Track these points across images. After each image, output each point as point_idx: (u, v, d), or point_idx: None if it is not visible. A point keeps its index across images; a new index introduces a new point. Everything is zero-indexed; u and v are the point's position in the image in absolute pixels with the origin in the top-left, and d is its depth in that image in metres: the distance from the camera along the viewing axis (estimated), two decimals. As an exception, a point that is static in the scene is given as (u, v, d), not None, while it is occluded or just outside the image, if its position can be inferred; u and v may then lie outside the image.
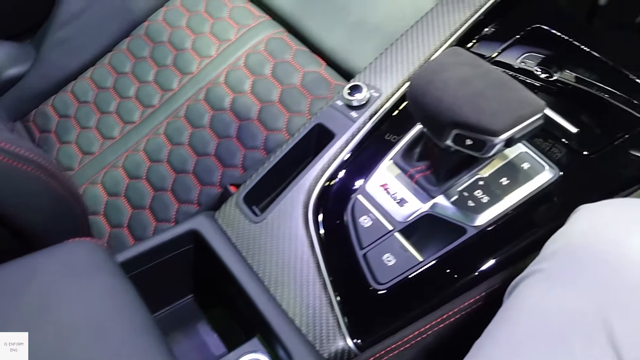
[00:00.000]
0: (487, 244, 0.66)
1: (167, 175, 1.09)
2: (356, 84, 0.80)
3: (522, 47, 0.83)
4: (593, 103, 0.76)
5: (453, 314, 0.64)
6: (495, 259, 0.65)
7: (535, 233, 0.66)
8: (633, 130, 0.70)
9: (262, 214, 0.75)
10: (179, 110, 1.17)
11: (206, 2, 1.30)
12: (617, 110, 0.73)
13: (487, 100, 0.60)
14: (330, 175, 0.75)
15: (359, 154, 0.76)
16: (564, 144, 0.71)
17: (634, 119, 0.71)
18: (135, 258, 0.70)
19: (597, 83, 0.76)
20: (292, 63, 1.14)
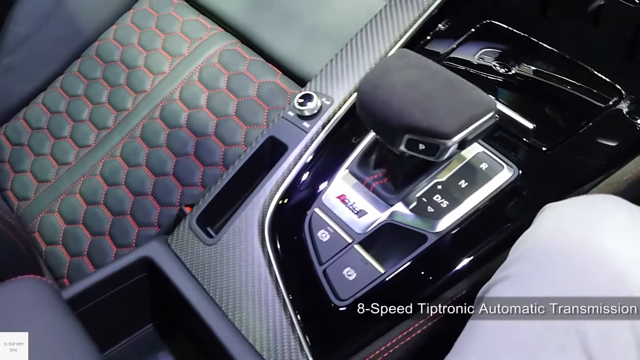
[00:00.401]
0: (449, 250, 0.64)
1: (125, 198, 1.06)
2: (307, 93, 0.78)
3: (477, 43, 0.82)
4: (553, 96, 0.74)
5: (419, 325, 0.62)
6: (460, 265, 0.63)
7: (498, 235, 0.64)
8: (589, 122, 0.69)
9: (216, 235, 0.72)
10: (135, 131, 1.13)
11: (157, 17, 1.27)
12: (576, 101, 0.72)
13: (436, 102, 0.58)
14: (285, 190, 0.72)
15: (314, 165, 0.74)
16: (522, 141, 0.69)
17: (590, 110, 0.70)
18: (84, 293, 0.66)
19: (556, 74, 0.74)
20: (247, 74, 1.11)
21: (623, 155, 0.68)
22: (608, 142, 0.68)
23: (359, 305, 0.62)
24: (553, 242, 0.52)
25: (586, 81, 0.74)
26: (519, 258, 0.54)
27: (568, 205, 0.56)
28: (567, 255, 0.51)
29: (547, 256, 0.52)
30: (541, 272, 0.51)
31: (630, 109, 0.70)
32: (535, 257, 0.53)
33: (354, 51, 0.82)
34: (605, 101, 0.70)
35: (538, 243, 0.53)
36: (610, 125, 0.69)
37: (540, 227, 0.55)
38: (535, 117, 0.71)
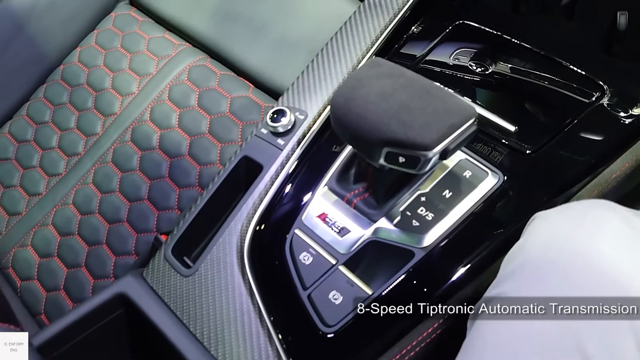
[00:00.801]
0: (438, 265, 0.61)
1: (100, 227, 1.02)
2: (279, 108, 0.74)
3: (451, 44, 0.79)
4: (533, 95, 0.72)
5: (412, 347, 0.59)
6: (450, 281, 0.60)
7: (488, 246, 0.61)
8: (572, 120, 0.67)
9: (193, 265, 0.68)
10: (106, 155, 1.09)
11: (122, 37, 1.23)
12: (557, 99, 0.70)
13: (413, 112, 0.56)
14: (263, 213, 0.69)
15: (291, 184, 0.70)
16: (505, 145, 0.67)
17: (573, 108, 0.68)
18: (57, 337, 0.62)
19: (534, 72, 0.72)
20: (218, 90, 1.08)
21: (609, 152, 0.66)
22: (593, 140, 0.66)
23: (348, 330, 0.59)
24: (547, 256, 0.50)
25: (566, 78, 0.71)
26: (511, 274, 0.51)
27: (560, 214, 0.54)
28: (563, 270, 0.48)
29: (541, 271, 0.49)
30: (536, 289, 0.48)
31: (614, 104, 0.67)
32: (528, 273, 0.50)
33: (325, 62, 0.79)
34: (587, 97, 0.68)
35: (530, 257, 0.51)
36: (595, 122, 0.67)
37: (532, 240, 0.52)
38: (516, 118, 0.69)
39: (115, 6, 1.31)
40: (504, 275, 0.52)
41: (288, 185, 0.70)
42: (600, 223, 0.51)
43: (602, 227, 0.50)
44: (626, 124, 0.66)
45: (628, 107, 0.67)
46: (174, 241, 0.71)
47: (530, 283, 0.49)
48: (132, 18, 1.26)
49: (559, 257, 0.49)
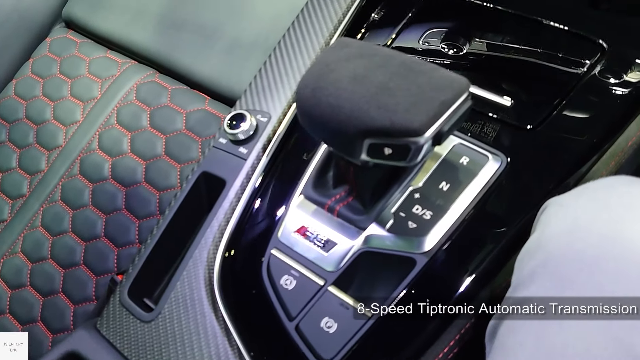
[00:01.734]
0: (444, 271, 0.52)
1: (54, 273, 0.91)
2: (238, 112, 0.64)
3: (418, 26, 0.70)
4: (517, 68, 0.63)
5: (428, 372, 0.49)
6: (460, 288, 0.50)
7: (499, 241, 0.52)
8: (574, 86, 0.58)
9: (155, 307, 0.57)
10: (54, 193, 0.98)
11: (60, 62, 1.12)
12: (553, 65, 0.61)
13: (395, 94, 0.46)
14: (232, 235, 0.59)
15: (261, 197, 0.60)
16: (502, 123, 0.57)
17: (573, 72, 0.59)
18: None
19: (513, 45, 0.63)
20: (171, 106, 0.97)
21: (621, 117, 0.57)
22: (601, 105, 0.57)
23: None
24: (571, 249, 0.40)
25: (559, 41, 0.63)
26: (532, 276, 0.41)
27: (578, 198, 0.44)
28: (594, 264, 0.38)
29: (568, 268, 0.39)
30: (566, 293, 0.39)
31: (617, 62, 0.59)
32: (552, 272, 0.40)
33: (285, 55, 0.69)
34: (587, 58, 0.59)
35: (552, 253, 0.41)
36: (599, 85, 0.58)
37: (549, 231, 0.43)
38: (509, 92, 0.60)
39: (50, 31, 1.20)
40: (522, 277, 0.42)
41: (257, 200, 0.60)
42: (627, 202, 0.41)
43: (631, 207, 0.41)
44: (634, 83, 0.57)
45: (632, 63, 0.59)
46: (130, 281, 0.60)
47: (557, 283, 0.39)
48: (69, 41, 1.15)
49: (586, 249, 0.39)
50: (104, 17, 1.13)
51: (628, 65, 0.58)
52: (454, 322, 0.50)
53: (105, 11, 1.13)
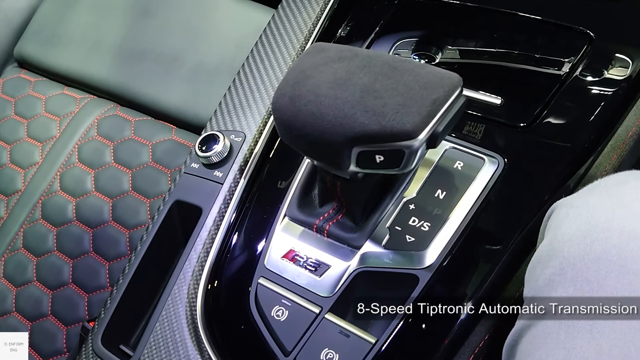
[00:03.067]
0: (449, 286, 0.47)
1: (20, 327, 0.83)
2: (209, 134, 0.59)
3: (388, 37, 0.66)
4: (503, 65, 0.59)
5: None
6: (468, 303, 0.46)
7: (505, 249, 0.47)
8: (565, 79, 0.54)
9: (134, 354, 0.51)
10: (15, 241, 0.92)
11: (14, 103, 1.06)
12: (542, 60, 0.57)
13: (382, 95, 0.42)
14: (213, 266, 0.54)
15: (242, 223, 0.55)
16: (493, 122, 0.54)
17: (563, 65, 0.56)
18: None
19: (487, 49, 0.60)
20: (135, 139, 0.92)
21: (617, 107, 0.54)
22: (594, 97, 0.54)
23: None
24: (591, 252, 0.36)
25: (544, 34, 0.59)
26: (550, 285, 0.37)
27: (588, 197, 0.40)
28: (621, 264, 0.34)
29: (592, 274, 0.35)
30: (591, 300, 0.35)
31: (607, 51, 0.56)
32: (572, 278, 0.36)
33: (254, 71, 0.65)
34: (575, 50, 0.56)
35: (569, 258, 0.37)
36: (592, 75, 0.55)
37: (562, 235, 0.39)
38: (497, 90, 0.56)
39: (2, 71, 1.14)
40: (538, 287, 0.38)
41: (238, 226, 0.55)
42: None
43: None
44: (628, 71, 0.54)
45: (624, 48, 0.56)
46: (103, 327, 0.54)
47: (580, 289, 0.35)
48: (23, 80, 1.09)
49: (609, 250, 0.35)
50: (59, 53, 1.07)
51: (618, 54, 0.55)
52: (466, 342, 0.45)
53: (60, 47, 1.08)
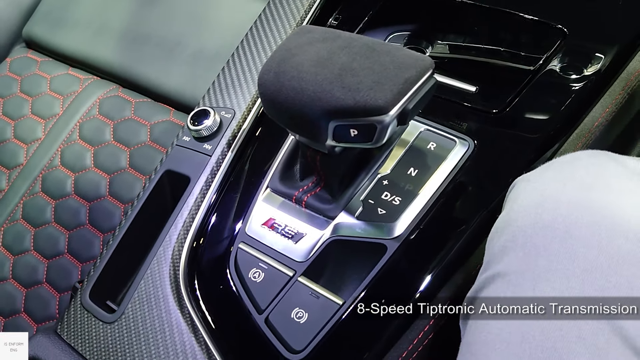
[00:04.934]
0: (415, 255, 0.50)
1: (16, 293, 0.87)
2: (201, 109, 0.63)
3: (379, 31, 0.69)
4: (489, 53, 0.63)
5: (406, 356, 0.47)
6: (432, 272, 0.49)
7: (470, 224, 0.51)
8: (538, 71, 0.58)
9: (118, 308, 0.55)
10: (15, 212, 0.95)
11: (20, 81, 1.09)
12: (517, 52, 0.60)
13: (359, 74, 0.45)
14: (197, 231, 0.57)
15: (226, 192, 0.59)
16: (468, 108, 0.57)
17: (536, 58, 0.59)
18: None
19: (465, 42, 0.63)
20: (135, 119, 0.96)
21: (587, 97, 0.57)
22: (565, 86, 0.57)
23: (322, 352, 0.47)
24: (540, 220, 0.39)
25: (522, 29, 0.63)
26: (502, 251, 0.40)
27: (545, 172, 0.44)
28: (565, 231, 0.38)
29: (539, 240, 0.38)
30: (539, 262, 0.38)
31: (579, 45, 0.59)
32: (522, 244, 0.39)
33: (247, 53, 0.68)
34: (550, 44, 0.59)
35: (521, 226, 0.40)
36: (563, 69, 0.58)
37: (517, 207, 0.42)
38: (474, 79, 0.59)
39: (10, 51, 1.17)
40: (493, 254, 0.41)
41: (222, 195, 0.59)
42: (594, 172, 0.41)
43: (599, 175, 0.41)
44: (598, 63, 0.57)
45: (596, 45, 0.59)
46: (92, 284, 0.57)
47: (529, 253, 0.38)
48: (30, 60, 1.13)
49: (556, 219, 0.38)
50: (65, 35, 1.11)
51: (590, 49, 0.58)
52: (428, 305, 0.48)
53: (66, 29, 1.11)
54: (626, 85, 0.58)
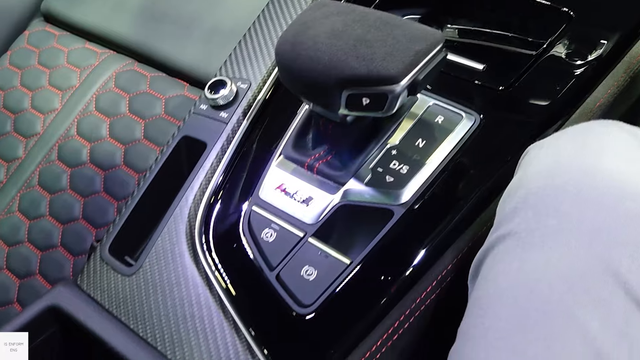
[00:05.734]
0: (421, 220, 0.53)
1: (31, 256, 0.90)
2: (218, 79, 0.66)
3: (394, 12, 0.71)
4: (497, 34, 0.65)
5: (405, 318, 0.50)
6: (438, 236, 0.52)
7: (476, 192, 0.53)
8: (544, 52, 0.60)
9: (136, 263, 0.58)
10: (31, 179, 0.98)
11: (38, 53, 1.12)
12: (524, 33, 0.63)
13: (373, 45, 0.48)
14: (212, 193, 0.60)
15: (241, 158, 0.61)
16: (475, 85, 0.59)
17: (543, 39, 0.61)
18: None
19: (475, 24, 0.65)
20: (150, 92, 0.98)
21: (590, 79, 0.59)
22: (569, 68, 0.59)
23: (329, 308, 0.50)
24: (552, 183, 0.42)
25: (530, 12, 0.65)
26: (514, 211, 0.43)
27: (558, 139, 0.46)
28: (575, 194, 0.40)
29: (549, 200, 0.41)
30: (548, 221, 0.40)
31: (585, 28, 0.61)
32: (534, 204, 0.42)
33: (263, 26, 0.71)
34: (556, 26, 0.62)
35: (533, 188, 0.43)
36: (568, 50, 0.60)
37: (530, 171, 0.45)
38: (482, 57, 0.62)
39: (29, 24, 1.20)
40: (505, 215, 0.44)
41: (237, 161, 0.61)
42: (606, 139, 0.44)
43: (609, 143, 0.43)
44: (601, 48, 0.60)
45: (600, 29, 0.61)
46: (111, 239, 0.60)
47: (540, 216, 0.41)
48: (47, 33, 1.15)
49: (567, 182, 0.41)
50: (83, 10, 1.13)
51: (595, 32, 0.61)
52: (432, 267, 0.51)
53: (85, 4, 1.14)
54: (628, 68, 0.61)
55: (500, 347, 0.38)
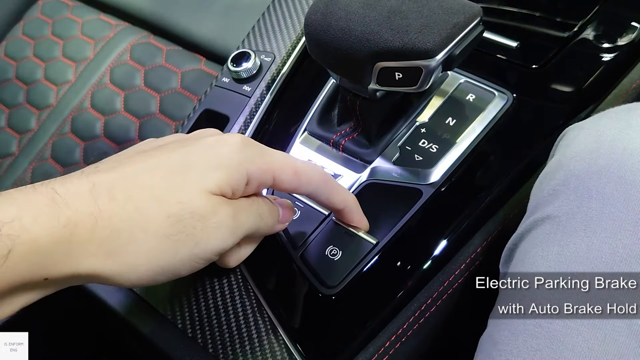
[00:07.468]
0: (450, 201, 0.51)
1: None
2: (241, 51, 0.63)
3: None
4: (524, 14, 0.63)
5: (433, 301, 0.49)
6: (468, 218, 0.50)
7: (507, 173, 0.51)
8: (579, 31, 0.58)
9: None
10: (44, 151, 0.96)
11: (52, 24, 1.10)
12: (559, 10, 0.60)
13: (408, 16, 0.46)
14: (235, 168, 0.58)
15: (264, 133, 0.60)
16: (508, 62, 0.57)
17: (578, 15, 0.59)
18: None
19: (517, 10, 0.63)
20: (166, 66, 0.96)
21: (626, 60, 0.57)
22: (605, 48, 0.57)
23: (355, 288, 0.48)
24: (595, 165, 0.40)
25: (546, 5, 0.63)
26: (553, 194, 0.41)
27: (599, 120, 0.44)
28: (619, 176, 0.38)
29: (593, 183, 0.39)
30: (591, 204, 0.38)
31: (618, 10, 0.59)
32: (575, 187, 0.40)
33: (288, 0, 0.68)
34: (590, 9, 0.59)
35: (574, 171, 0.41)
36: (604, 29, 0.58)
37: (570, 152, 0.43)
38: (515, 34, 0.60)
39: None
40: (542, 197, 0.42)
41: (260, 136, 0.60)
42: None
43: None
44: (634, 31, 0.57)
45: (634, 12, 0.59)
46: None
47: (580, 196, 0.39)
48: (61, 4, 1.13)
49: (611, 164, 0.39)
50: (97, -20, 1.11)
51: (628, 14, 0.58)
52: (461, 250, 0.49)
53: (99, -25, 1.12)
54: (666, 49, 0.58)
55: (539, 335, 0.36)
